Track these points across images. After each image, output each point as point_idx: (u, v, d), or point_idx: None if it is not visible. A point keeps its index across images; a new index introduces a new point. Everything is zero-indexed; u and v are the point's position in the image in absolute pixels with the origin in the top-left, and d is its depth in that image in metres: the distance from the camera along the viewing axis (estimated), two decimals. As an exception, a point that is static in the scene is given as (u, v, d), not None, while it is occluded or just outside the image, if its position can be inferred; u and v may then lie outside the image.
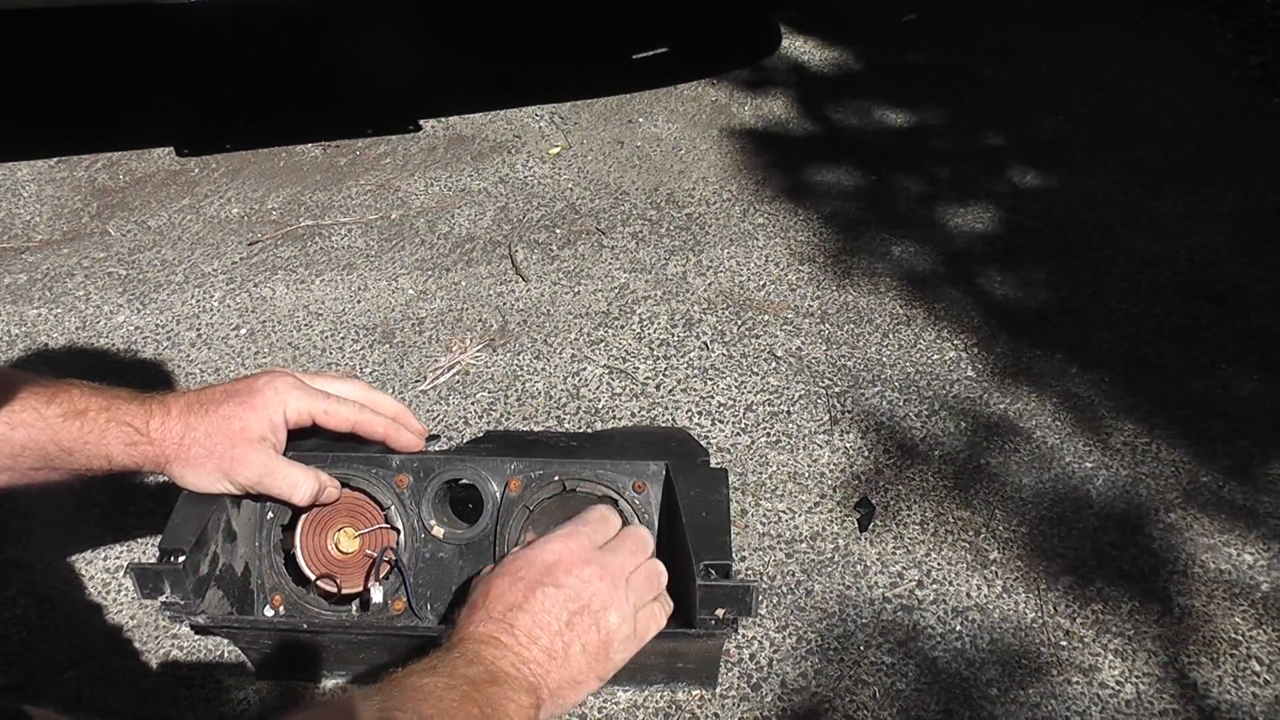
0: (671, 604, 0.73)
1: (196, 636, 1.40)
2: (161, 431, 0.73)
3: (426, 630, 0.77)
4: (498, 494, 0.79)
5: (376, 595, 0.77)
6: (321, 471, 0.77)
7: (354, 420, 0.78)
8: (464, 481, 0.80)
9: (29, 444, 0.70)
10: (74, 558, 1.54)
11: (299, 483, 0.75)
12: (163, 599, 0.73)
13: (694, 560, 0.72)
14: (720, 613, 0.71)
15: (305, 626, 0.78)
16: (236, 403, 0.74)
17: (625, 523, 0.79)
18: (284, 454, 0.77)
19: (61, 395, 0.71)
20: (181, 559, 0.72)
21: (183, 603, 0.73)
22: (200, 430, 0.73)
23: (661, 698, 1.29)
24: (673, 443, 0.85)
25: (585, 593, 0.66)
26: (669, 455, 0.80)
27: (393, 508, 0.79)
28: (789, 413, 1.71)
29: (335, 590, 0.80)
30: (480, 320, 1.95)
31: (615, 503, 0.79)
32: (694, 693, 1.30)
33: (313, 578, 0.79)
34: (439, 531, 0.79)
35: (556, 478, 0.79)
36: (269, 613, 0.80)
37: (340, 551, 0.79)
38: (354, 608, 0.80)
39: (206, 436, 0.73)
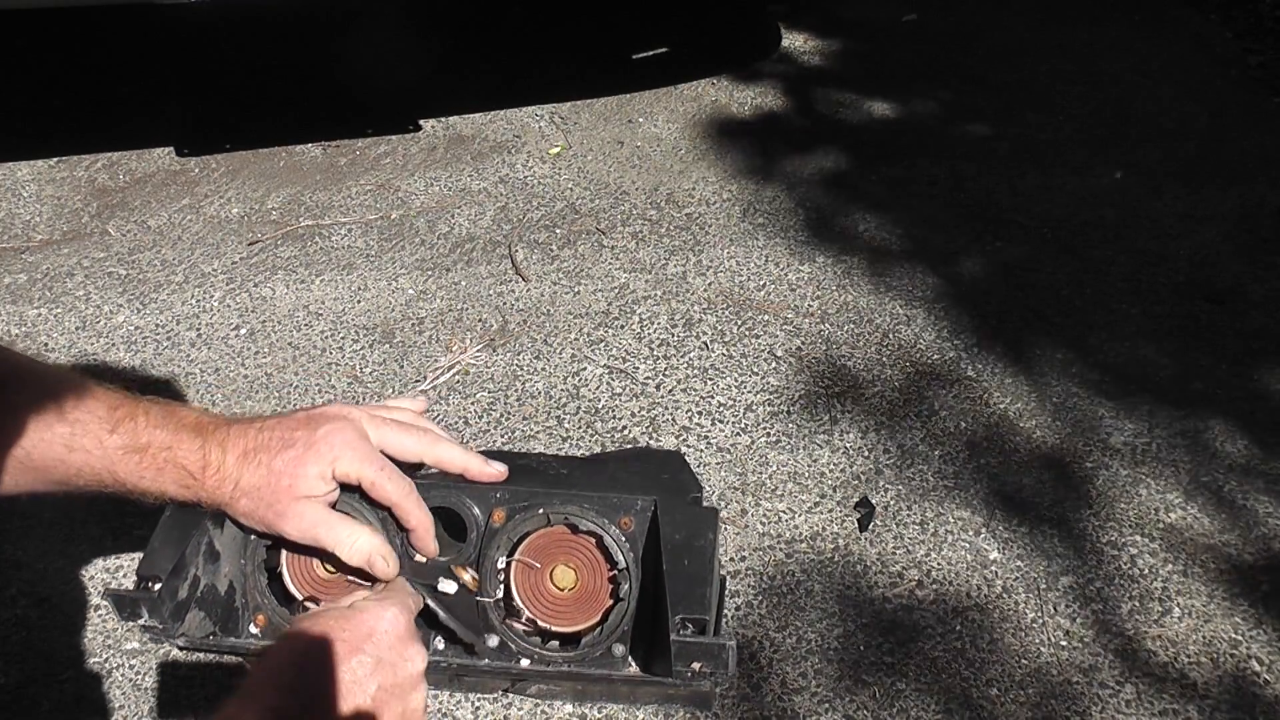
0: None
1: (196, 636, 1.40)
2: (216, 480, 0.71)
3: None
4: (482, 523, 0.79)
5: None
6: (381, 539, 0.75)
7: (396, 501, 0.74)
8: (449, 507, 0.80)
9: (84, 469, 0.68)
10: (74, 558, 1.54)
11: (341, 542, 0.73)
12: (141, 622, 0.73)
13: (670, 613, 0.71)
14: (697, 666, 0.70)
15: None
16: (290, 456, 0.71)
17: (608, 556, 0.78)
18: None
19: (126, 425, 0.69)
20: (158, 586, 0.72)
21: (160, 626, 0.72)
22: (249, 483, 0.71)
23: (661, 698, 1.29)
24: (666, 474, 0.83)
25: None
26: (660, 488, 0.79)
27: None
28: (789, 413, 1.71)
29: None
30: (480, 320, 1.95)
31: (600, 538, 0.79)
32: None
33: (300, 598, 0.79)
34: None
35: (541, 510, 0.79)
36: (253, 631, 0.80)
37: (326, 571, 0.79)
38: None
39: (255, 490, 0.71)
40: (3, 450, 0.66)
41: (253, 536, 0.79)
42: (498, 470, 0.78)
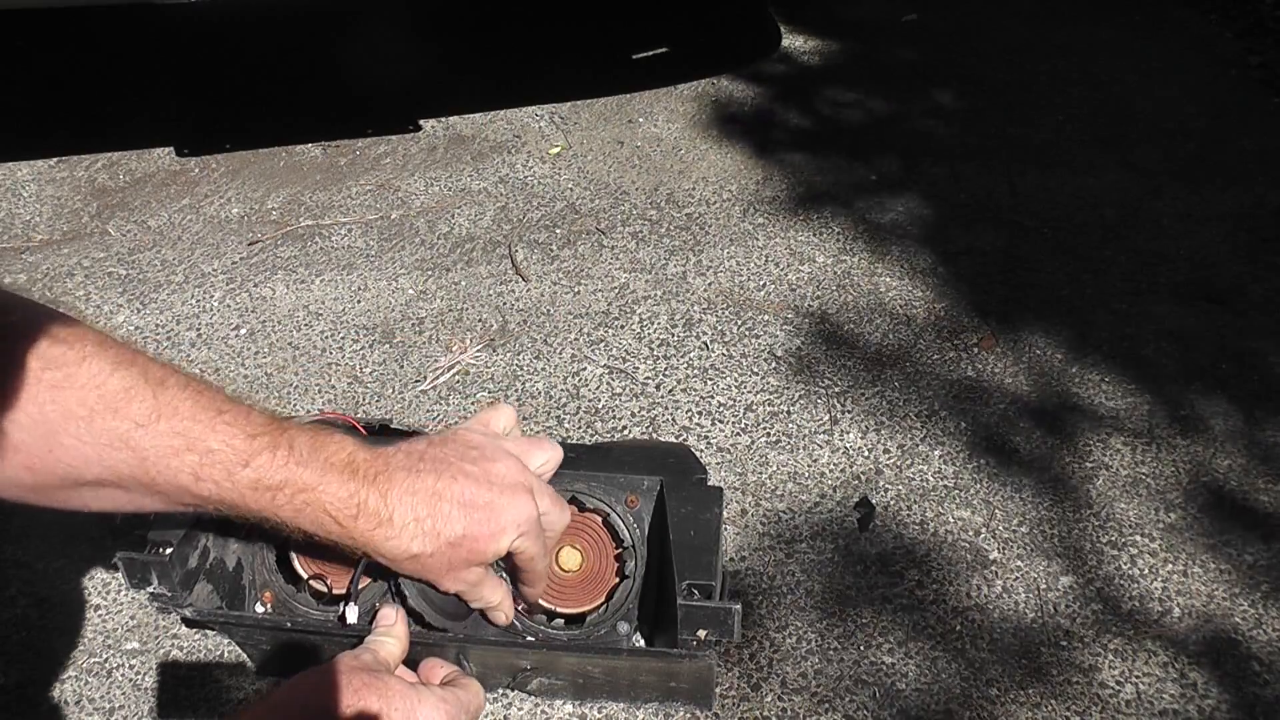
0: None
1: (196, 636, 1.40)
2: (369, 536, 0.64)
3: (410, 632, 0.77)
4: None
5: (351, 616, 0.76)
6: (508, 592, 0.73)
7: (541, 574, 0.72)
8: None
9: (211, 499, 0.63)
10: (74, 558, 1.54)
11: (487, 598, 0.71)
12: (150, 590, 0.73)
13: (676, 579, 0.71)
14: (702, 634, 0.71)
15: (289, 625, 0.78)
16: (472, 524, 0.65)
17: (614, 534, 0.79)
18: None
19: (262, 457, 0.62)
20: (168, 551, 0.72)
21: (169, 594, 0.72)
22: (421, 548, 0.65)
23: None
24: (672, 458, 0.84)
25: None
26: (666, 471, 0.80)
27: None
28: (789, 413, 1.71)
29: (326, 590, 0.79)
30: (480, 320, 1.95)
31: (606, 515, 0.79)
32: (694, 693, 1.30)
33: (305, 576, 0.79)
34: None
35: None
36: (260, 609, 0.80)
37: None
38: (341, 607, 0.80)
39: (429, 558, 0.65)
40: (126, 473, 0.61)
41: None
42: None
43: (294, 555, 0.79)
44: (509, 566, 0.75)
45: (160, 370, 0.61)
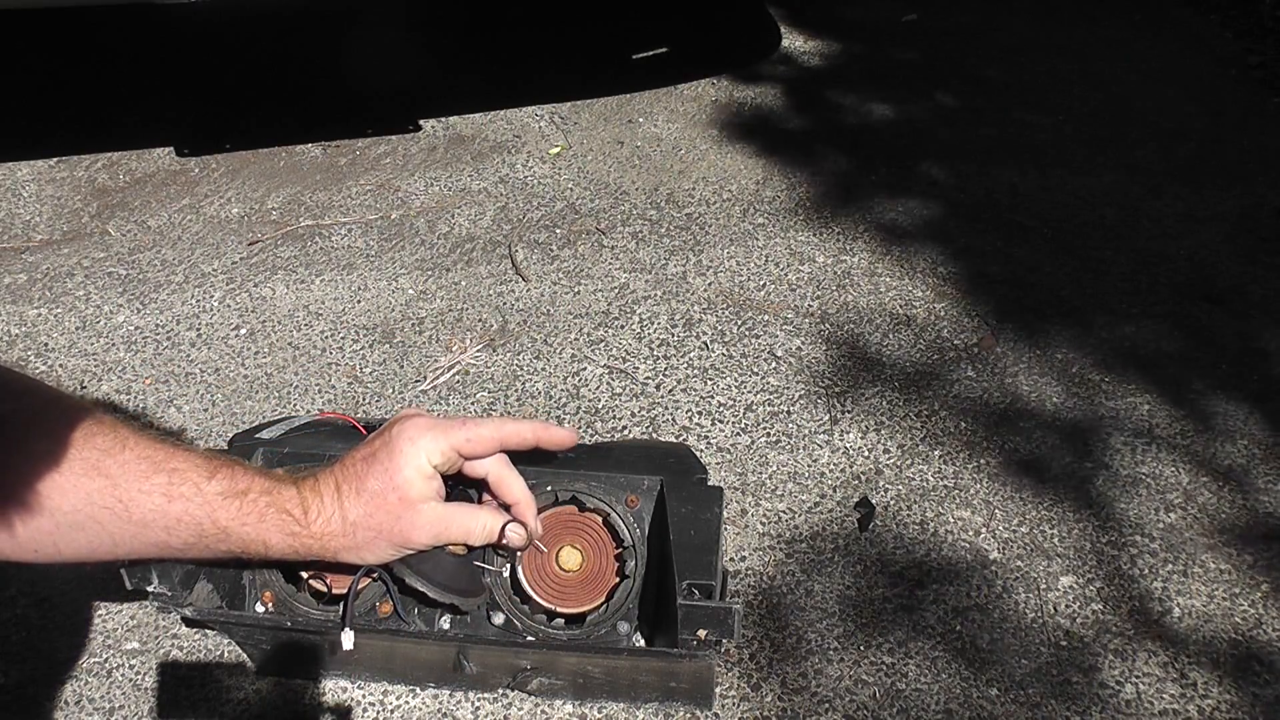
0: None
1: (196, 636, 1.40)
2: (321, 524, 0.70)
3: (411, 632, 0.77)
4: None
5: (347, 642, 0.76)
6: (502, 512, 0.76)
7: (499, 436, 0.75)
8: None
9: (184, 517, 0.67)
10: (74, 558, 1.53)
11: (473, 529, 0.74)
12: (151, 589, 0.73)
13: (676, 579, 0.72)
14: (702, 634, 0.71)
15: (289, 624, 0.78)
16: (381, 471, 0.71)
17: (615, 534, 0.79)
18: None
19: (223, 471, 0.68)
20: None
21: (170, 594, 0.73)
22: (358, 513, 0.71)
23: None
24: (672, 458, 0.84)
25: None
26: (666, 471, 0.80)
27: None
28: (789, 413, 1.71)
29: (325, 590, 0.80)
30: (480, 320, 1.95)
31: (607, 515, 0.79)
32: (694, 693, 1.30)
33: (305, 576, 0.79)
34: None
35: (550, 488, 0.79)
36: (260, 609, 0.80)
37: None
38: (340, 608, 0.80)
39: (368, 517, 0.71)
40: (100, 503, 0.64)
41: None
42: (567, 434, 0.79)
43: None
44: (491, 493, 0.77)
45: (107, 415, 0.68)
